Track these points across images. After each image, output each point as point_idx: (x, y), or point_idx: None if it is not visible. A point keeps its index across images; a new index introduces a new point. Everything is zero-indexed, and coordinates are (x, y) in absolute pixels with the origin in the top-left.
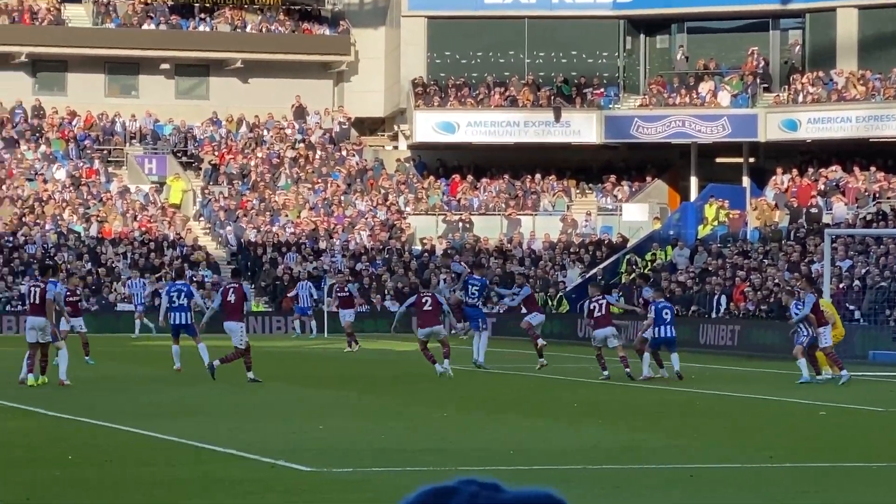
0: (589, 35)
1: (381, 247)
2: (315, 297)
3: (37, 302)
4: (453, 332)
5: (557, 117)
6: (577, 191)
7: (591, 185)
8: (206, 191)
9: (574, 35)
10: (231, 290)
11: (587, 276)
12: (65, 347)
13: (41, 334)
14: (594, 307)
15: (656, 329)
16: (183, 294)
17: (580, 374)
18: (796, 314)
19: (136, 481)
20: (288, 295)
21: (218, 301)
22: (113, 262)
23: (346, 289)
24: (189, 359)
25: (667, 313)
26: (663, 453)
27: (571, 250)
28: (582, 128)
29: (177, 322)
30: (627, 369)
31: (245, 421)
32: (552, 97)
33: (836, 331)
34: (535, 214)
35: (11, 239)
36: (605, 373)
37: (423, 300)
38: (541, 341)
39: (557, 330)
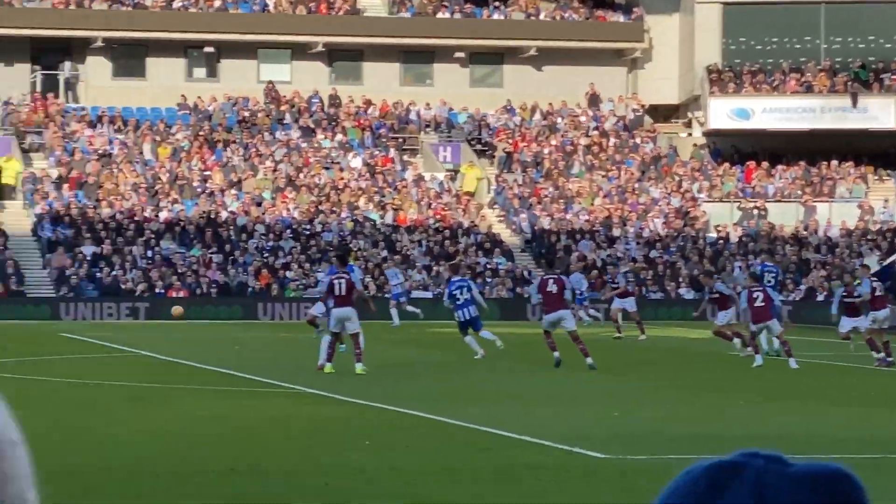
0: (887, 19)
1: (675, 234)
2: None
3: (343, 293)
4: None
5: (854, 103)
6: (875, 177)
7: (889, 171)
8: (500, 178)
9: (872, 19)
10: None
11: (885, 262)
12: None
13: (349, 323)
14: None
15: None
16: (465, 289)
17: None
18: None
19: (432, 467)
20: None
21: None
22: (408, 249)
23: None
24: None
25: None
26: None
27: (869, 237)
28: (879, 113)
29: (464, 318)
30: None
31: (535, 407)
32: (849, 82)
33: None
34: (832, 201)
35: (308, 227)
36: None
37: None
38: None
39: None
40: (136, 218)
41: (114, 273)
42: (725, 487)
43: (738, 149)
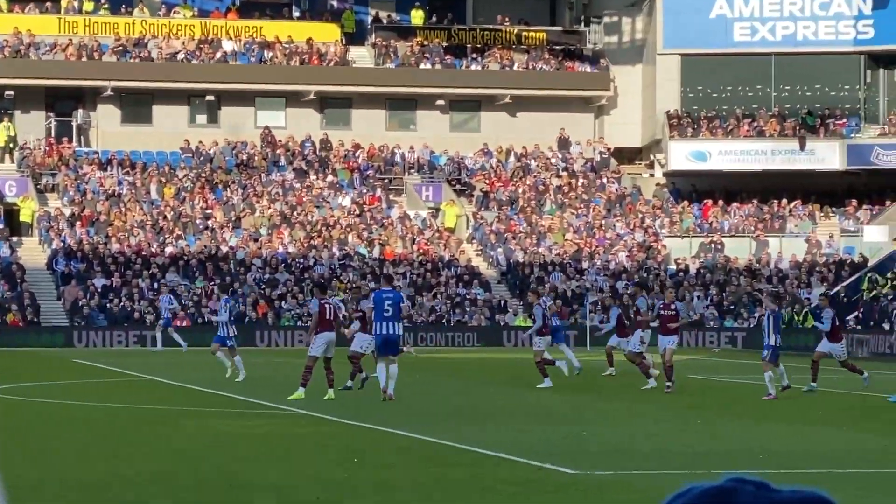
0: (831, 69)
1: (638, 266)
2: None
3: (331, 318)
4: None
5: (802, 146)
6: (822, 214)
7: (833, 208)
8: (478, 216)
9: (817, 69)
10: (328, 304)
11: (831, 292)
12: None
13: (332, 347)
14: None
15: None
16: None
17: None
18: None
19: (414, 482)
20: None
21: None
22: (393, 280)
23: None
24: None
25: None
26: None
27: (816, 269)
28: (825, 155)
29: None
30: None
31: (509, 424)
32: (797, 127)
33: None
34: (782, 236)
35: (302, 260)
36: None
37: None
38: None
39: (803, 344)
40: (143, 253)
41: (122, 304)
42: None
43: (696, 188)
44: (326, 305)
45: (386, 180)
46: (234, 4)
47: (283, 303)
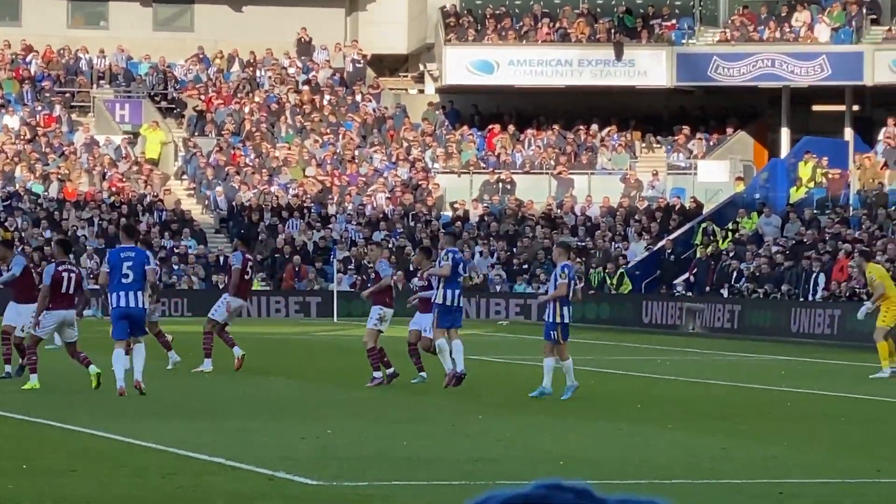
0: None
1: (403, 212)
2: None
3: (70, 291)
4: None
5: (619, 55)
6: (643, 145)
7: (659, 138)
8: (191, 143)
9: None
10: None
11: (654, 248)
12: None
13: (70, 330)
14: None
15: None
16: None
17: (650, 369)
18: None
19: (105, 494)
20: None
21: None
22: (77, 228)
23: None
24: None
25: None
26: (748, 465)
27: (635, 218)
28: (649, 68)
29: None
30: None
31: (236, 424)
32: (612, 31)
33: (889, 301)
34: (592, 174)
35: None
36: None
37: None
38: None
39: (618, 315)
40: None
41: None
42: None
43: (479, 109)
44: (65, 275)
45: (67, 95)
46: None
47: None
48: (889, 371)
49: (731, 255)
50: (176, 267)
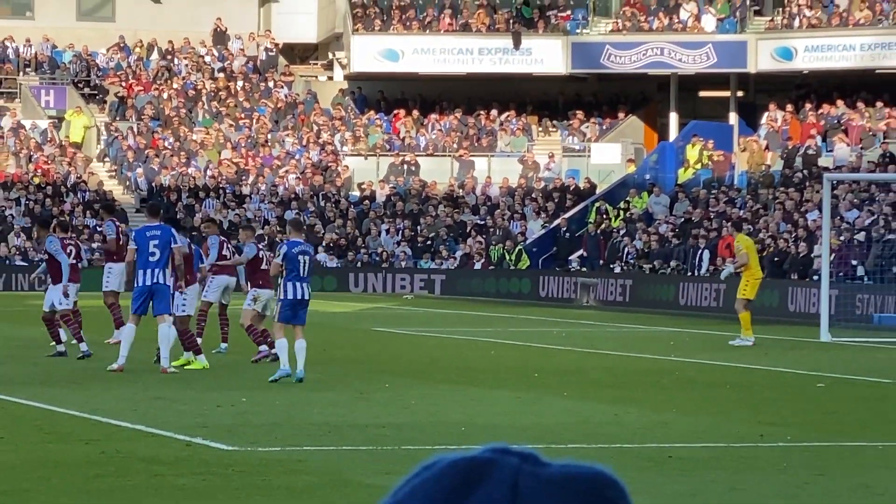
0: None
1: (313, 192)
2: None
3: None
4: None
5: (517, 44)
6: (540, 129)
7: (555, 122)
8: (113, 127)
9: None
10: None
11: (551, 226)
12: None
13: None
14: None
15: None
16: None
17: (547, 340)
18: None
19: (30, 459)
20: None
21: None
22: (5, 209)
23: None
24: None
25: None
26: (639, 430)
27: (532, 197)
28: (545, 56)
29: None
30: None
31: (155, 393)
32: (511, 21)
33: (750, 272)
34: (491, 155)
35: None
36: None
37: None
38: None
39: (516, 289)
40: None
41: None
42: (475, 487)
43: (385, 95)
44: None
45: None
46: None
47: None
48: (752, 339)
49: (622, 232)
50: (98, 246)
